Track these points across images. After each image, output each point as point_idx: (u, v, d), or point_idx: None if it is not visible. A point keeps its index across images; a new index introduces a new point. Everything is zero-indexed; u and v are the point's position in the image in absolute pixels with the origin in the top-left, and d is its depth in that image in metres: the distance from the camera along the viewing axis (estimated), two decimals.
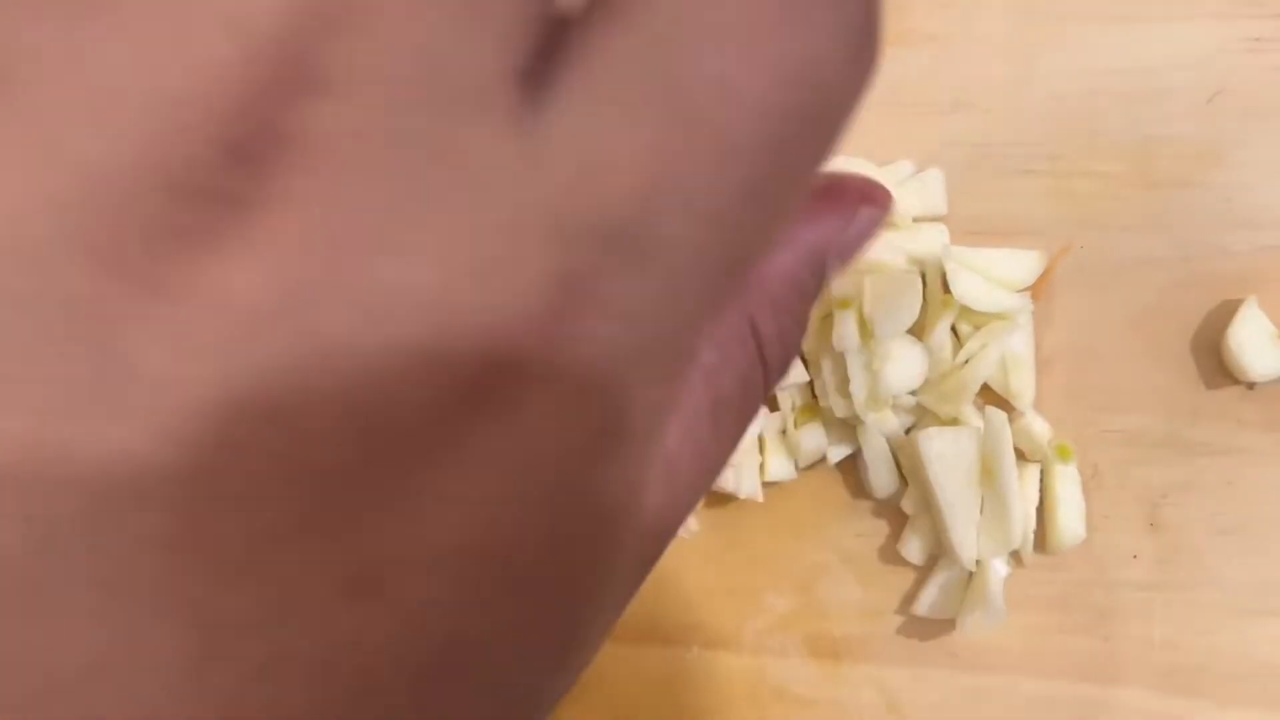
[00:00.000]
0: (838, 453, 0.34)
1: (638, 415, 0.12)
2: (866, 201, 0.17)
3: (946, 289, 0.33)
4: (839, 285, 0.32)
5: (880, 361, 0.32)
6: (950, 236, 0.35)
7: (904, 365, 0.32)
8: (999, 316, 0.33)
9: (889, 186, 0.33)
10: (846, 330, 0.32)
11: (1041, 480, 0.34)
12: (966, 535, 0.32)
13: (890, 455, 0.33)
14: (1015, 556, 0.34)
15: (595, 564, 0.12)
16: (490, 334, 0.10)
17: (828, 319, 0.33)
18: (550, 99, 0.10)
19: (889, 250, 0.33)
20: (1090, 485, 0.34)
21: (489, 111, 0.10)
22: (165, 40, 0.09)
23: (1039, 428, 0.34)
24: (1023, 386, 0.33)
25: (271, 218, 0.09)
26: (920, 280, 0.32)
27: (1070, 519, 0.33)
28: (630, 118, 0.10)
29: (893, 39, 0.36)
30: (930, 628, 0.34)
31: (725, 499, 0.35)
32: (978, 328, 0.34)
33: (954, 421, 0.33)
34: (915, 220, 0.34)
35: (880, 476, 0.33)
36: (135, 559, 0.09)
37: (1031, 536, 0.33)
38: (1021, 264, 0.34)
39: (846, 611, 0.34)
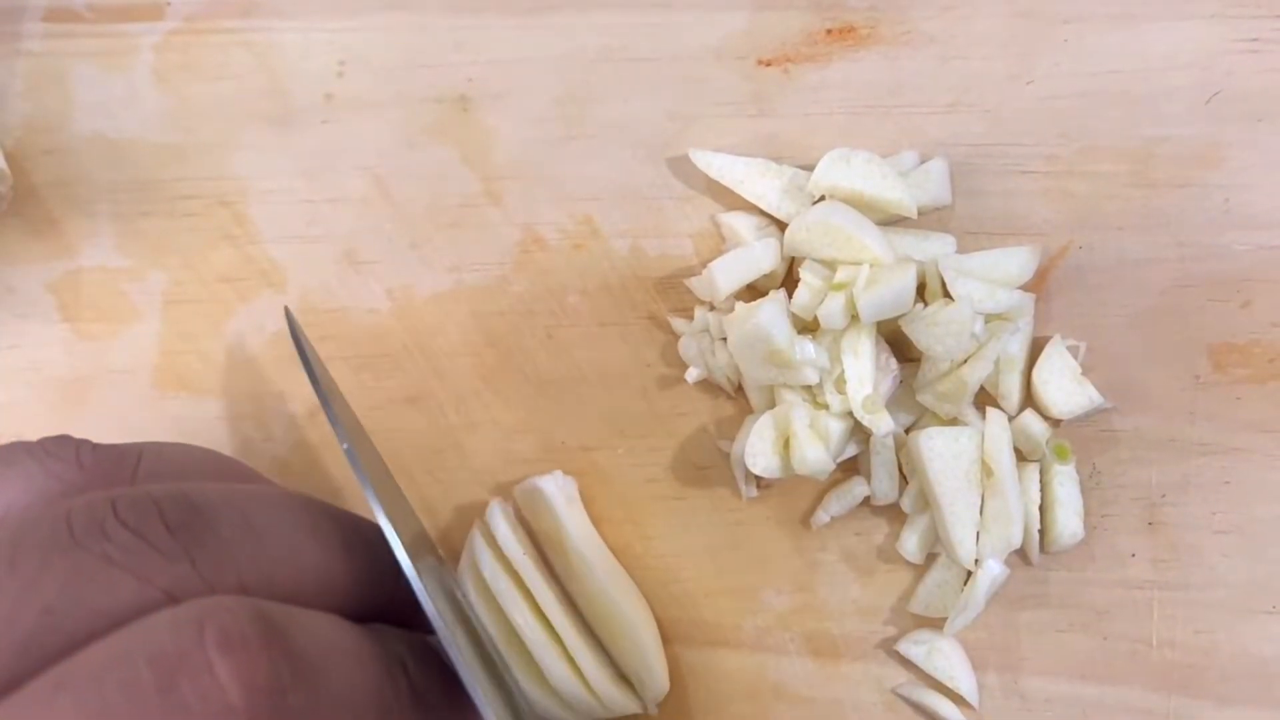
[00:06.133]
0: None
1: None
2: None
3: (947, 292, 0.33)
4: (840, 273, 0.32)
5: (875, 367, 0.32)
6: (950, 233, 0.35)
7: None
8: (1000, 317, 0.33)
9: (893, 176, 0.33)
10: (833, 308, 0.32)
11: (1040, 480, 0.34)
12: (965, 534, 0.32)
13: (895, 463, 0.34)
14: (1022, 556, 0.34)
15: None
16: None
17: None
18: None
19: (893, 249, 0.33)
20: (1089, 485, 0.34)
21: None
22: None
23: (1037, 427, 0.34)
24: (1011, 388, 0.34)
25: None
26: (914, 270, 0.32)
27: (1069, 518, 0.33)
28: None
29: (892, 40, 0.36)
30: (929, 626, 0.34)
31: (725, 498, 0.35)
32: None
33: (953, 421, 0.33)
34: (920, 212, 0.34)
35: (883, 485, 0.33)
36: None
37: (1038, 537, 0.33)
38: (1019, 261, 0.34)
39: (845, 610, 0.34)
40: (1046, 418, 0.34)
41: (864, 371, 0.32)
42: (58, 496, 0.21)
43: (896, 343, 0.33)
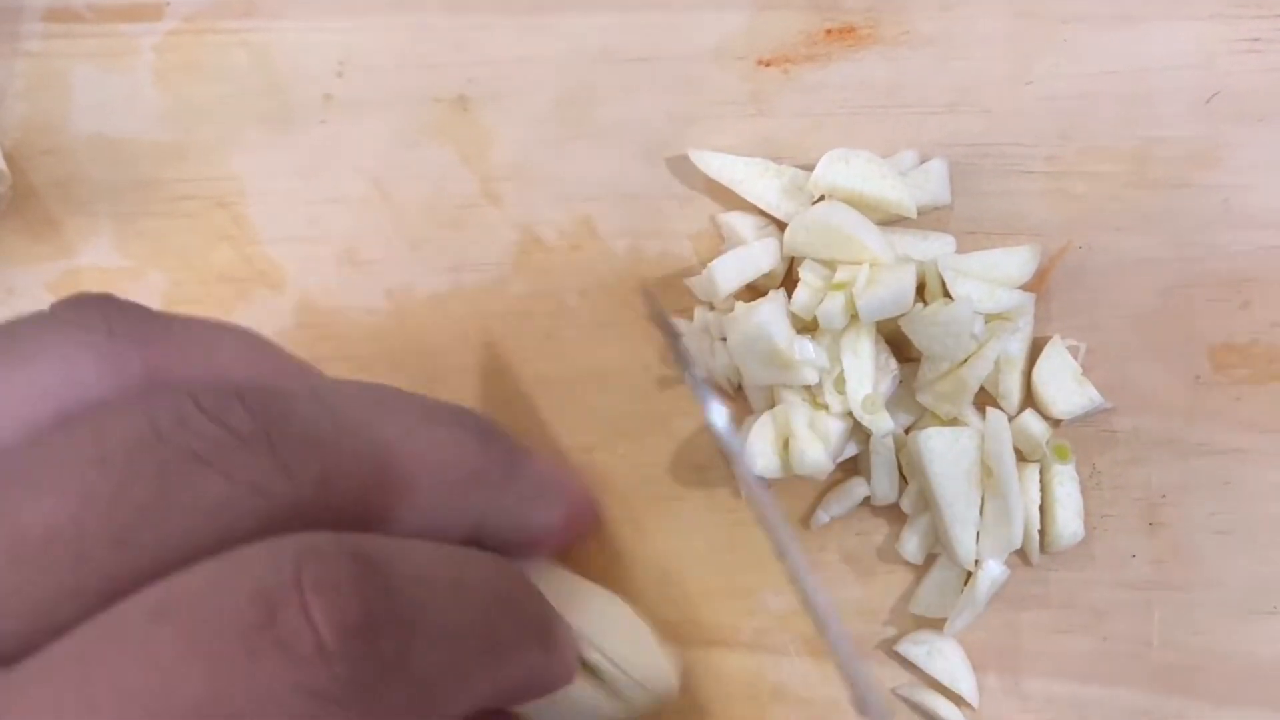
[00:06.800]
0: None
1: None
2: None
3: (947, 292, 0.33)
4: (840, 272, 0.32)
5: (875, 365, 0.32)
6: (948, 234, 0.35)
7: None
8: (1000, 317, 0.33)
9: (893, 176, 0.33)
10: (833, 308, 0.32)
11: (1040, 480, 0.34)
12: (965, 535, 0.32)
13: (894, 464, 0.33)
14: (1022, 556, 0.34)
15: None
16: None
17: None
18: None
19: (892, 249, 0.33)
20: (1089, 485, 0.34)
21: None
22: None
23: (1037, 428, 0.34)
24: (1011, 388, 0.34)
25: None
26: (914, 270, 0.32)
27: (1068, 519, 0.33)
28: None
29: (891, 40, 0.36)
30: (929, 627, 0.34)
31: (724, 498, 0.35)
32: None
33: (953, 421, 0.33)
34: (920, 212, 0.34)
35: (883, 485, 0.33)
36: None
37: (1038, 537, 0.33)
38: (1018, 261, 0.34)
39: (845, 610, 0.34)
40: (1046, 418, 0.34)
41: (864, 371, 0.32)
42: (99, 375, 0.21)
43: (896, 343, 0.33)
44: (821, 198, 0.34)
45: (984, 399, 0.34)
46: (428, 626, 0.20)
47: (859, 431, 0.33)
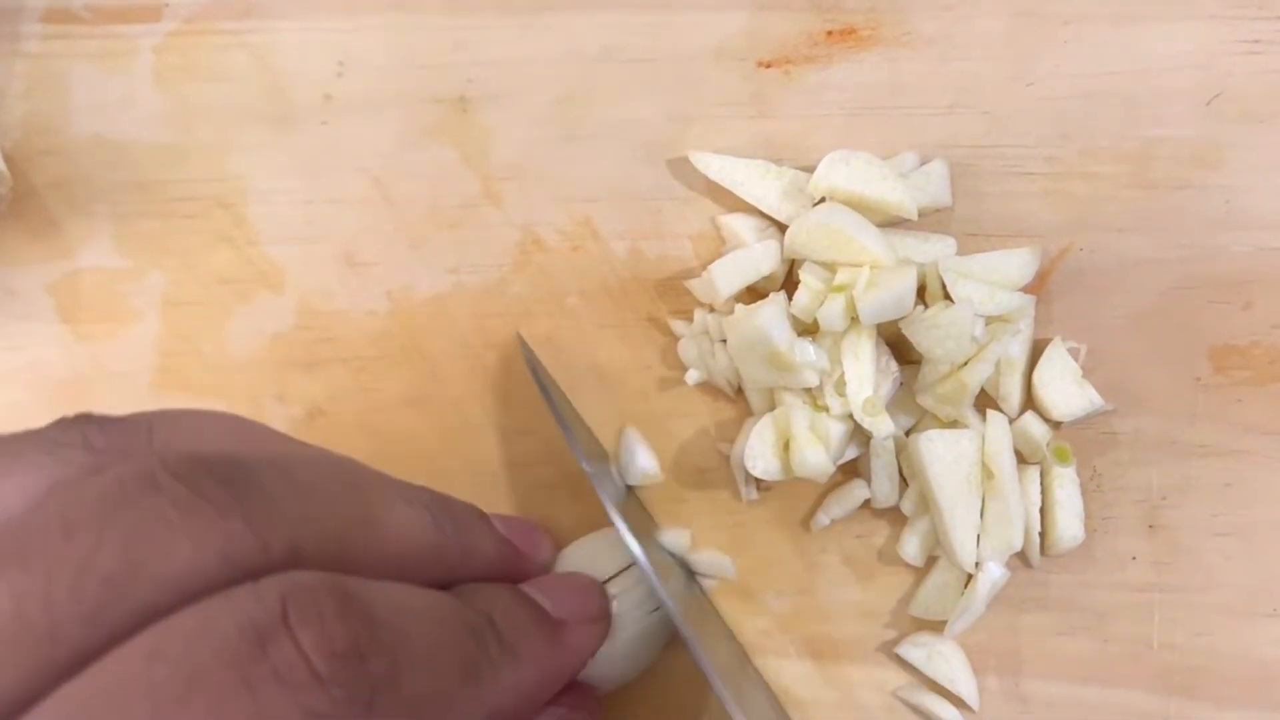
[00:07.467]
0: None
1: None
2: None
3: (947, 294, 0.33)
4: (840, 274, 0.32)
5: (877, 368, 0.32)
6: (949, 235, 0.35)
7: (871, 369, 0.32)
8: (1001, 319, 0.33)
9: (893, 178, 0.33)
10: (833, 310, 0.31)
11: (1040, 482, 0.34)
12: (966, 537, 0.32)
13: (895, 466, 0.33)
14: (1022, 558, 0.34)
15: None
16: None
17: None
18: None
19: (893, 251, 0.33)
20: (1089, 487, 0.34)
21: None
22: None
23: (1037, 430, 0.34)
24: (1011, 390, 0.34)
25: None
26: (914, 273, 0.32)
27: (1069, 521, 0.33)
28: None
29: (892, 41, 0.36)
30: (929, 629, 0.34)
31: (725, 500, 0.35)
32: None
33: (954, 423, 0.33)
34: (921, 214, 0.34)
35: (883, 488, 0.33)
36: None
37: (1038, 539, 0.33)
38: (1019, 263, 0.34)
39: (846, 612, 0.34)
40: (1047, 420, 0.34)
41: (864, 374, 0.32)
42: (75, 481, 0.22)
43: (897, 345, 0.33)
44: (822, 199, 0.34)
45: (984, 401, 0.34)
46: (411, 651, 0.21)
47: (860, 434, 0.33)
